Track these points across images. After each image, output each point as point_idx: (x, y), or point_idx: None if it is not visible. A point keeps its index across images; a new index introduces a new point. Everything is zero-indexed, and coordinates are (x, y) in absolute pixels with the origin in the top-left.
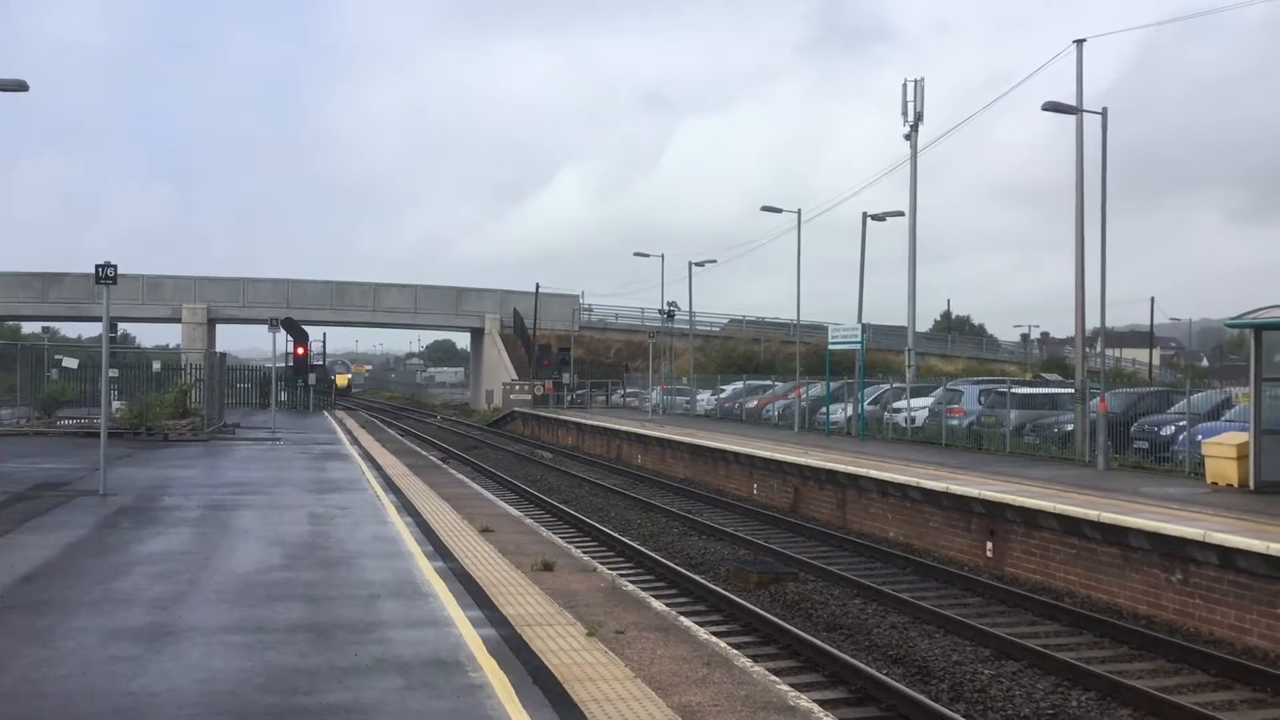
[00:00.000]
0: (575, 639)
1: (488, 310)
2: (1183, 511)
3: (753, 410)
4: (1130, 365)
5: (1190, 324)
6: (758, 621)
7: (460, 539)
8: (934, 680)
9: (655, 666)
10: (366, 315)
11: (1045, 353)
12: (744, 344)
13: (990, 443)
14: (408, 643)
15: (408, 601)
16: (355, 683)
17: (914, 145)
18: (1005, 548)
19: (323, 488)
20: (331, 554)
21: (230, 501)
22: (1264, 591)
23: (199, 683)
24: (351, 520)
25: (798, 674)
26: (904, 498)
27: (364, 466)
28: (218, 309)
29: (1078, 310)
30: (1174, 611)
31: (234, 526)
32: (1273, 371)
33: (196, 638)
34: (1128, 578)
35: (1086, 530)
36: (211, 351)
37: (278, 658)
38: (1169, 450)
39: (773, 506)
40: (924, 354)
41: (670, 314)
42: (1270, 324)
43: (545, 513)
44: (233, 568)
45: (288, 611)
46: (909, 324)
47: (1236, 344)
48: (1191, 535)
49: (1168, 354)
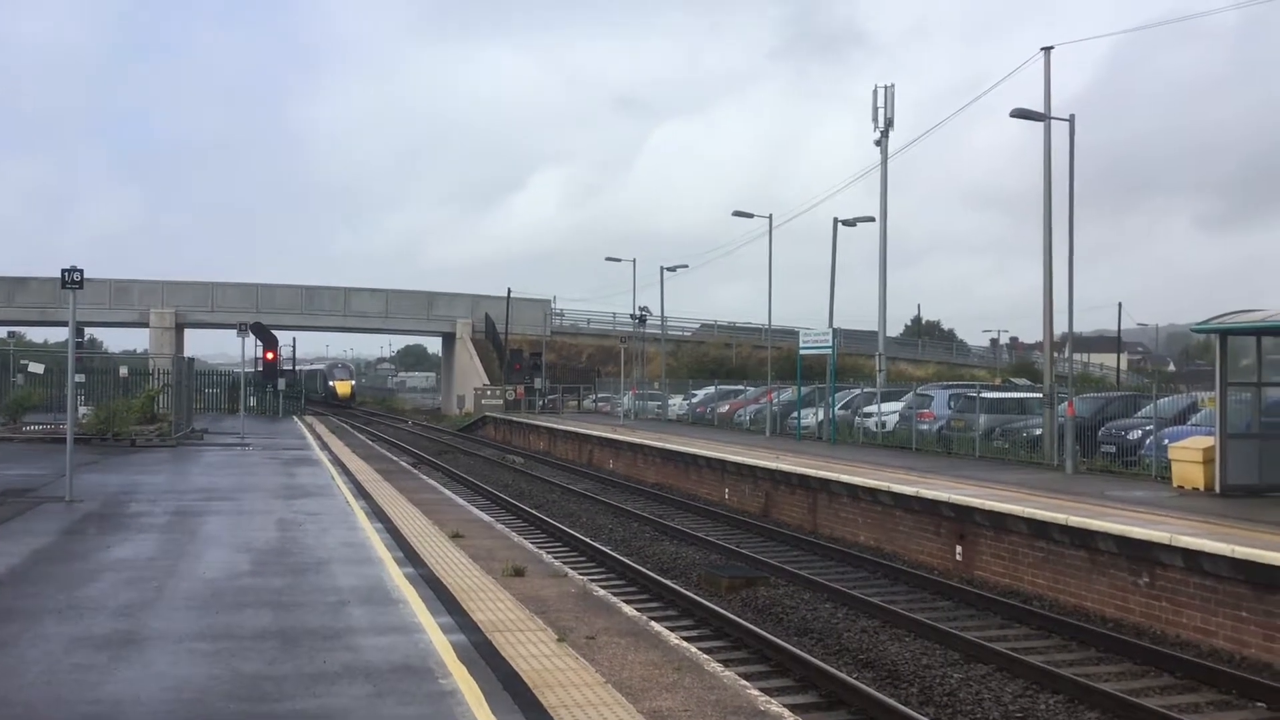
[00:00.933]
0: (546, 645)
1: (459, 315)
2: (1149, 515)
3: (724, 415)
4: (1098, 370)
5: (1158, 329)
6: (729, 626)
7: (431, 545)
8: (904, 684)
9: (626, 672)
10: (337, 320)
11: (1014, 358)
12: (716, 349)
13: (960, 447)
14: (377, 649)
15: (377, 608)
16: (323, 690)
17: (884, 151)
18: (974, 551)
19: (292, 493)
20: (300, 560)
21: (198, 508)
22: (1229, 594)
23: (166, 690)
24: (321, 526)
25: (768, 678)
26: (874, 502)
27: (334, 472)
28: (186, 313)
29: (1046, 315)
30: (1141, 614)
31: (202, 533)
32: (1238, 376)
33: (163, 645)
34: (1095, 581)
35: (1054, 534)
36: (179, 356)
37: (245, 665)
38: (1136, 454)
39: (744, 511)
40: (895, 359)
41: (642, 319)
42: (1235, 329)
43: (517, 518)
44: (200, 574)
45: (256, 618)
46: (880, 329)
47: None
48: (1158, 539)
49: (1135, 359)
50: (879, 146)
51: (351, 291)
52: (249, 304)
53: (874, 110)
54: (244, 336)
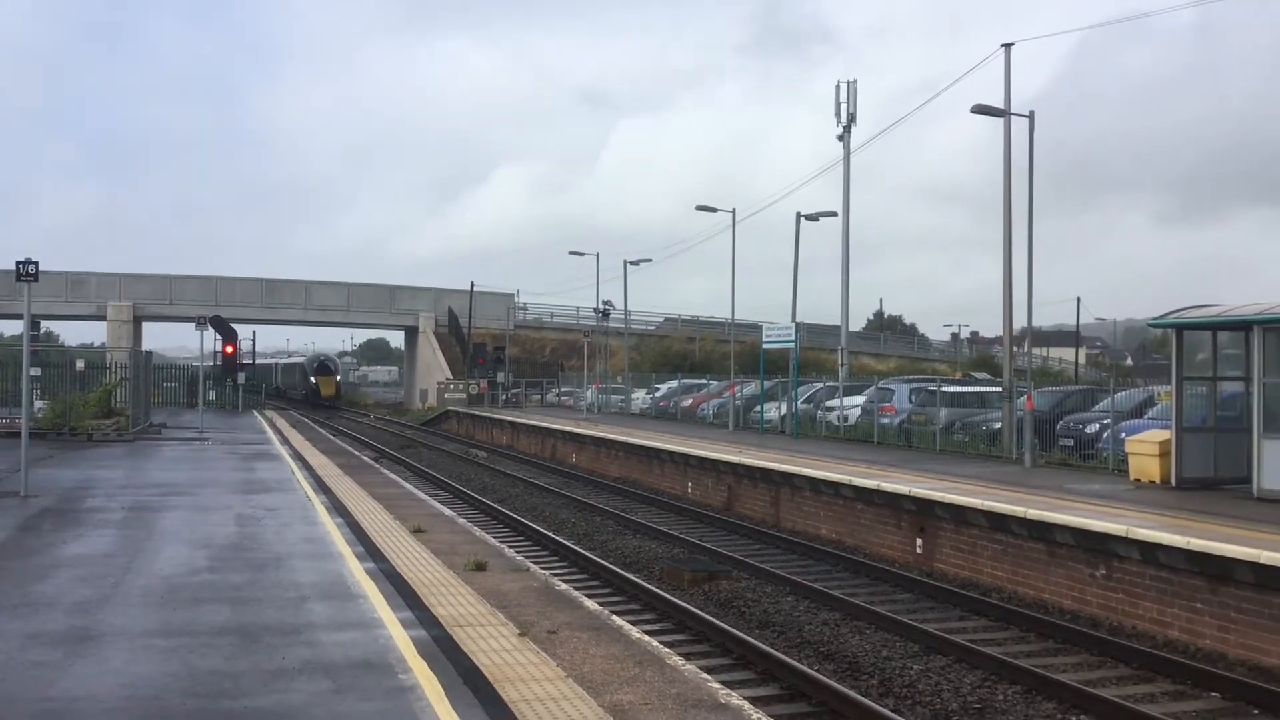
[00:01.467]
0: (507, 639)
1: (422, 309)
2: (1106, 508)
3: (688, 409)
4: (1057, 364)
5: (1115, 324)
6: (691, 620)
7: (392, 540)
8: (864, 676)
9: (587, 666)
10: (298, 314)
11: (975, 352)
12: (679, 343)
13: (921, 440)
14: (336, 645)
15: (337, 603)
16: (282, 686)
17: (847, 146)
18: (935, 544)
19: (251, 488)
20: (259, 556)
21: (156, 503)
22: (1184, 586)
23: (122, 687)
24: (280, 521)
25: (730, 671)
26: (836, 495)
27: (294, 467)
28: (144, 307)
29: (1005, 310)
30: (1098, 606)
31: (159, 528)
32: (1194, 370)
33: (120, 642)
34: (1053, 573)
35: (1013, 526)
36: (137, 350)
37: (203, 661)
38: (1094, 448)
39: (707, 505)
40: (857, 353)
41: (605, 313)
42: (1191, 324)
43: (479, 512)
44: (158, 570)
45: (214, 614)
46: (842, 323)
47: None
48: (1115, 531)
49: (1094, 353)
50: (842, 142)
51: (313, 285)
52: (208, 297)
53: (837, 106)
54: (203, 330)
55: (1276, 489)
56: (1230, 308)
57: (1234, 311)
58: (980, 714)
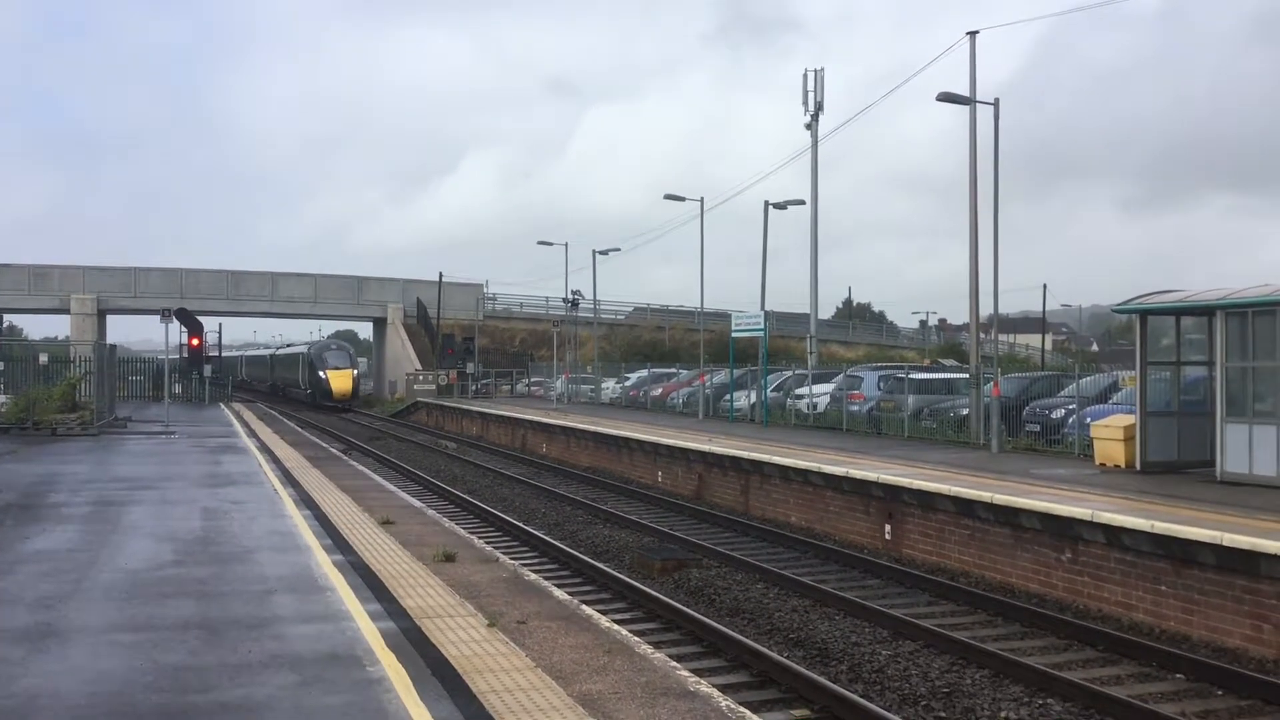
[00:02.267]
0: (476, 630)
1: (390, 300)
2: (1072, 492)
3: (657, 398)
4: (1024, 350)
5: (1081, 310)
6: (661, 608)
7: (360, 532)
8: (833, 662)
9: (556, 655)
10: (264, 305)
11: (943, 339)
12: (649, 332)
13: (889, 427)
14: (303, 638)
15: (304, 596)
16: (248, 680)
17: (815, 134)
18: (903, 530)
19: (218, 482)
20: (225, 549)
21: (121, 497)
22: (1149, 569)
23: (85, 683)
24: (247, 515)
25: (700, 659)
26: (805, 483)
27: (261, 460)
28: (108, 300)
29: (972, 297)
30: (1064, 590)
31: (124, 523)
32: (1158, 355)
33: (83, 637)
34: (1019, 557)
35: (980, 512)
36: (101, 343)
37: (168, 656)
38: (1059, 433)
39: (677, 494)
40: (826, 341)
41: (574, 302)
42: (1155, 309)
43: (449, 503)
44: (122, 565)
45: (179, 609)
46: (811, 311)
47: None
48: (1080, 515)
49: (1060, 339)
50: (810, 131)
51: (279, 276)
52: (173, 289)
53: (804, 94)
54: (167, 322)
55: (1239, 472)
56: (1193, 293)
57: (1197, 297)
58: (948, 698)
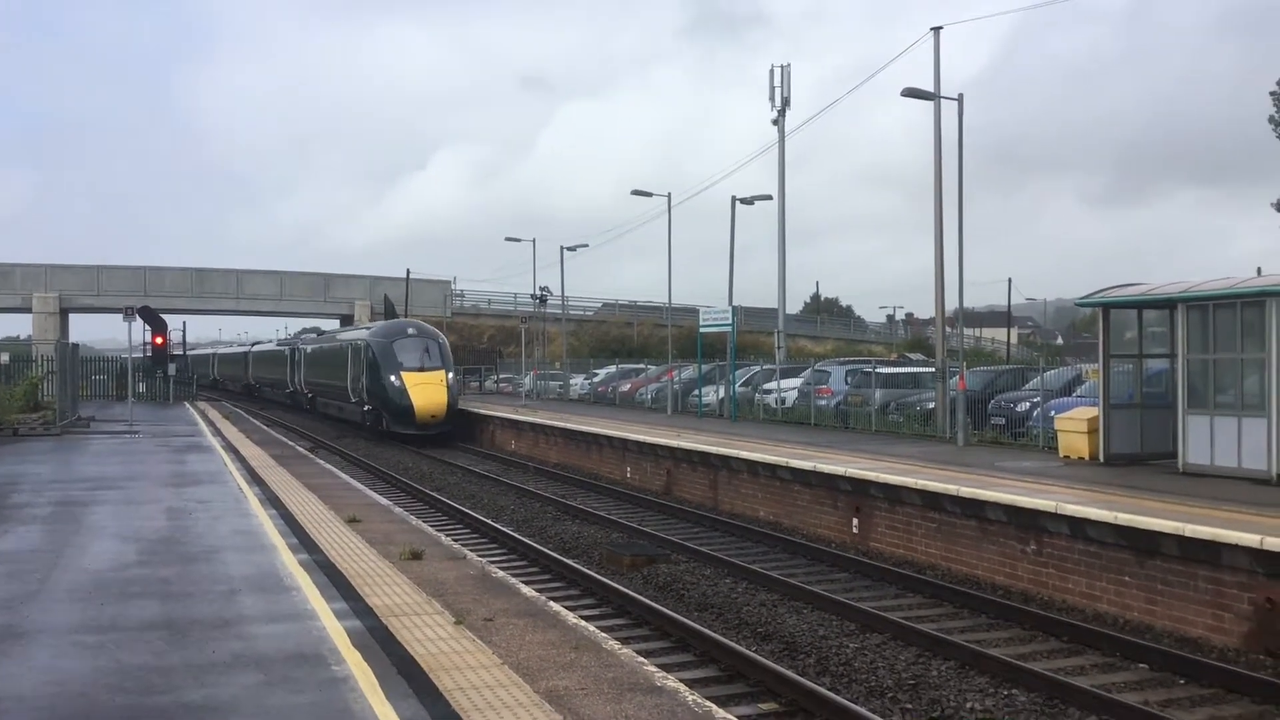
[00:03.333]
0: (442, 628)
1: (357, 297)
2: (1036, 484)
3: (626, 394)
4: (989, 344)
5: (1045, 303)
6: (629, 604)
7: (326, 530)
8: (801, 655)
9: (524, 652)
10: (230, 303)
11: (910, 333)
12: (617, 328)
13: (857, 421)
14: (268, 637)
15: (269, 595)
16: (212, 680)
17: (782, 130)
18: (870, 524)
19: (182, 481)
20: (190, 549)
21: (84, 498)
22: (1112, 560)
23: (48, 685)
24: (212, 514)
25: (668, 654)
26: (774, 477)
27: (226, 458)
28: (71, 298)
29: (938, 292)
30: (1029, 581)
31: (88, 523)
32: (1121, 349)
33: (45, 639)
34: (986, 550)
35: (946, 504)
36: (64, 342)
37: (131, 657)
38: (1024, 426)
39: (647, 489)
40: (794, 336)
41: (543, 299)
42: (1117, 303)
43: (416, 501)
44: (86, 566)
45: (143, 609)
46: (779, 306)
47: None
48: (1044, 507)
49: (1025, 333)
50: (777, 126)
51: (244, 274)
52: (137, 287)
53: (771, 90)
54: (130, 320)
55: (1200, 463)
56: (1155, 286)
57: (1158, 290)
58: (914, 690)
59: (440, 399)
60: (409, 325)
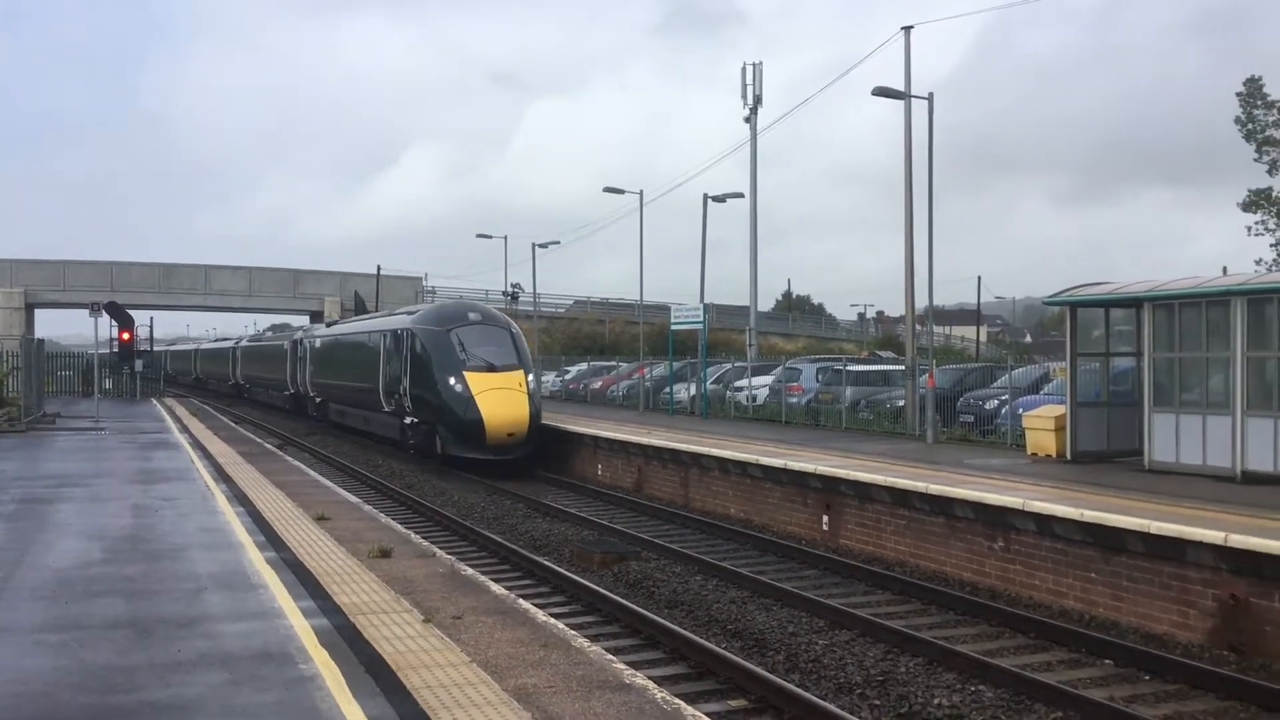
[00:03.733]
0: (411, 626)
1: (327, 293)
2: (1004, 482)
3: (597, 391)
4: (959, 342)
5: (1015, 302)
6: (600, 601)
7: (294, 528)
8: (770, 652)
9: (492, 650)
10: (198, 299)
11: (881, 331)
12: (589, 325)
13: (827, 419)
14: (234, 636)
15: (236, 594)
16: (177, 679)
17: (754, 128)
18: (840, 521)
19: (149, 478)
20: (156, 547)
21: (49, 495)
22: (1078, 556)
23: (9, 684)
24: (178, 511)
25: (637, 652)
26: (744, 475)
27: (194, 455)
28: (36, 293)
29: (908, 290)
30: (996, 578)
31: (52, 521)
32: (1088, 347)
33: (7, 638)
34: (954, 546)
35: (915, 502)
36: (29, 337)
37: (95, 656)
38: (993, 423)
39: (618, 487)
40: (765, 333)
41: (514, 295)
42: (1085, 301)
43: (386, 499)
44: (49, 564)
45: (107, 608)
46: (751, 304)
47: (1057, 321)
48: (1012, 504)
49: (994, 331)
50: (749, 124)
51: (213, 269)
52: (103, 283)
53: (743, 88)
54: (96, 316)
55: (1166, 461)
56: (1121, 285)
57: (1125, 289)
58: (883, 686)
59: (520, 410)
60: (470, 308)
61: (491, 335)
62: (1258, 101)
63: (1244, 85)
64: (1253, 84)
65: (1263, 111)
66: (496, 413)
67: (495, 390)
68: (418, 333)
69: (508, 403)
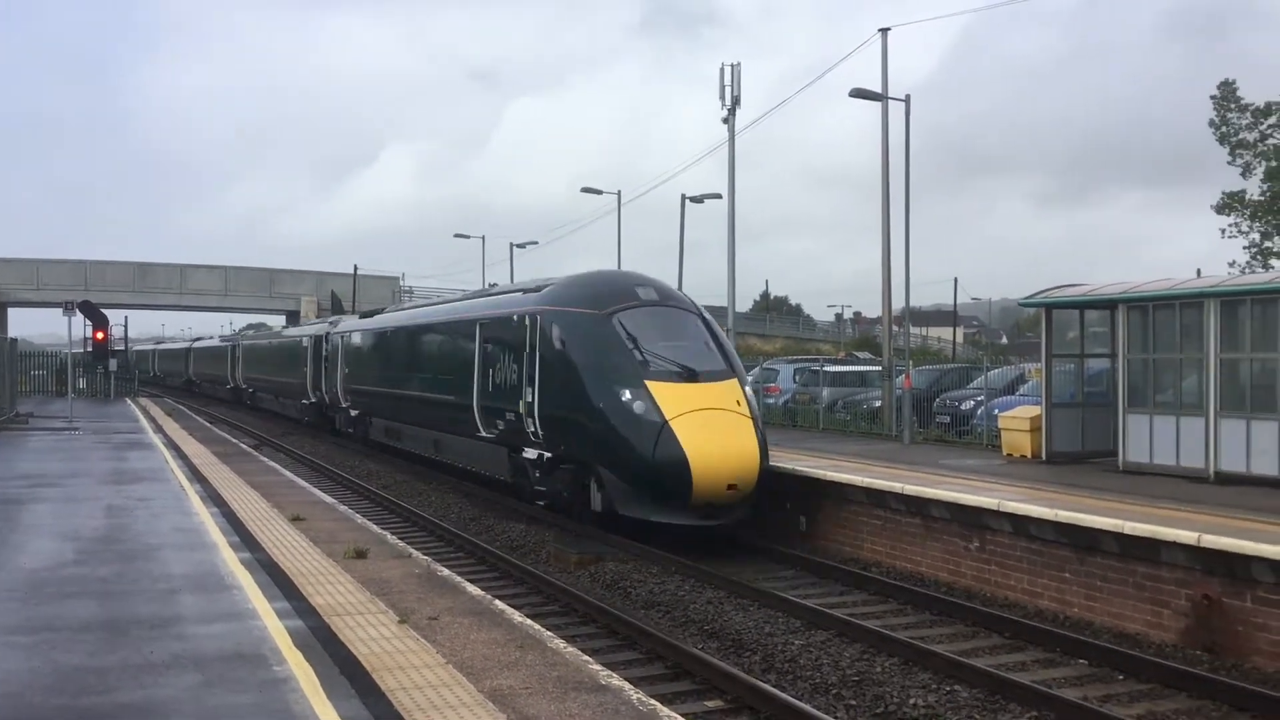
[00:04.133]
0: (386, 627)
1: (303, 292)
2: (980, 482)
3: None
4: (936, 343)
5: (991, 303)
6: (575, 602)
7: (269, 528)
8: (747, 652)
9: (468, 651)
10: (173, 298)
11: (858, 332)
12: None
13: (805, 419)
14: (208, 637)
15: (209, 595)
16: (150, 680)
17: (732, 129)
18: (817, 521)
19: (123, 479)
20: (129, 547)
21: (21, 495)
22: (1054, 557)
23: None
24: (152, 512)
25: (613, 653)
26: None
27: (168, 455)
28: (9, 292)
29: (884, 291)
30: (972, 578)
31: (24, 522)
32: (1063, 348)
33: None
34: (930, 547)
35: (891, 502)
36: (1, 337)
37: (67, 657)
38: (969, 424)
39: None
40: (744, 334)
41: None
42: (1060, 303)
43: (363, 499)
44: (21, 565)
45: (80, 609)
46: (729, 304)
47: (1032, 322)
48: (987, 505)
49: (971, 332)
50: (727, 125)
51: (188, 268)
52: (78, 282)
53: (721, 89)
54: (70, 315)
55: (1140, 461)
56: (1096, 287)
57: (1100, 291)
58: (858, 686)
59: (746, 445)
60: (638, 281)
61: (678, 324)
62: (1231, 105)
63: (1218, 89)
64: (1226, 88)
65: (1236, 115)
66: (708, 449)
67: (702, 413)
68: (556, 318)
69: (725, 432)
